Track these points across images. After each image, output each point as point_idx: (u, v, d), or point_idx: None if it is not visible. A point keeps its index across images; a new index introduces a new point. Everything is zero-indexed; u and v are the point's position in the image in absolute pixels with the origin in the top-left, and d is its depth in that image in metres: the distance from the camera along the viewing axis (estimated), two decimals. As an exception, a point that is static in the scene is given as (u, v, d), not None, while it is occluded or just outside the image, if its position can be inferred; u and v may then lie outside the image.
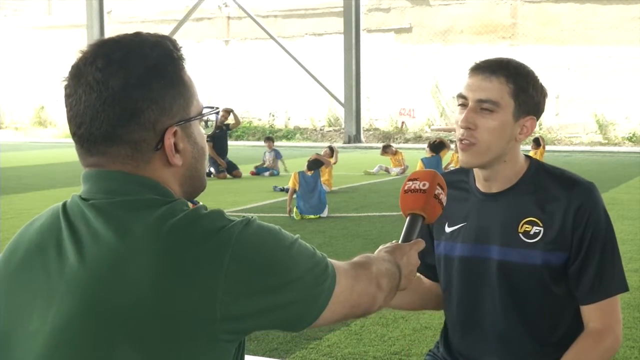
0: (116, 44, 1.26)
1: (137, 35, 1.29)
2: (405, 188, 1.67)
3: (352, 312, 1.36)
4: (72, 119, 1.26)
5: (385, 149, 16.42)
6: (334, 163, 13.64)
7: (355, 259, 1.43)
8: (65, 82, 1.27)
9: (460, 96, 1.96)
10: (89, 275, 1.19)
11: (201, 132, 1.34)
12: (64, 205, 1.30)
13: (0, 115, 36.26)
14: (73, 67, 1.27)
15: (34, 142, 29.97)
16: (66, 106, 1.27)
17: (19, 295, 1.24)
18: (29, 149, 25.74)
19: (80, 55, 1.27)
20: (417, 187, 1.65)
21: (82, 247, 1.21)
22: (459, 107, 1.97)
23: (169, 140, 1.26)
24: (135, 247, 1.18)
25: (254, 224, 1.24)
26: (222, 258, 1.18)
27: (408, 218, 1.63)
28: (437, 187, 1.65)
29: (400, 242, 1.58)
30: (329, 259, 1.31)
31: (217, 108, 1.37)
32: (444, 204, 1.67)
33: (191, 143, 1.30)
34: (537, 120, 1.99)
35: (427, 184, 1.64)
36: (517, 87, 1.92)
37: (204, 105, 1.34)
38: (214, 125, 1.41)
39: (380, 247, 1.55)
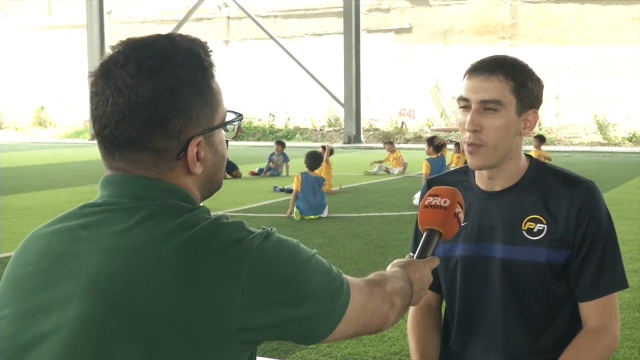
0: (149, 49, 1.25)
1: (170, 40, 1.27)
2: (426, 203, 1.67)
3: (365, 330, 1.38)
4: (97, 119, 1.26)
5: (385, 144, 17.50)
6: (325, 161, 13.60)
7: (370, 276, 1.44)
8: (92, 79, 1.26)
9: (462, 99, 1.95)
10: (107, 277, 1.18)
11: (223, 138, 1.34)
12: (80, 208, 1.29)
13: (0, 115, 36.27)
14: (102, 65, 1.26)
15: (33, 142, 29.97)
16: (92, 104, 1.26)
17: (35, 298, 1.24)
18: (29, 149, 25.74)
19: (111, 52, 1.26)
20: (438, 203, 1.66)
21: (100, 249, 1.21)
22: (461, 109, 1.96)
23: (192, 151, 1.26)
24: (155, 253, 1.18)
25: (274, 236, 1.25)
26: (241, 269, 1.18)
27: (425, 233, 1.64)
28: (457, 205, 1.66)
29: (415, 256, 1.59)
30: (344, 275, 1.33)
31: (241, 115, 1.37)
32: (462, 223, 1.69)
33: (212, 151, 1.31)
34: (537, 111, 2.00)
35: (448, 202, 1.66)
36: (517, 83, 1.92)
37: (227, 110, 1.33)
38: (235, 129, 1.40)
39: (395, 262, 1.56)
